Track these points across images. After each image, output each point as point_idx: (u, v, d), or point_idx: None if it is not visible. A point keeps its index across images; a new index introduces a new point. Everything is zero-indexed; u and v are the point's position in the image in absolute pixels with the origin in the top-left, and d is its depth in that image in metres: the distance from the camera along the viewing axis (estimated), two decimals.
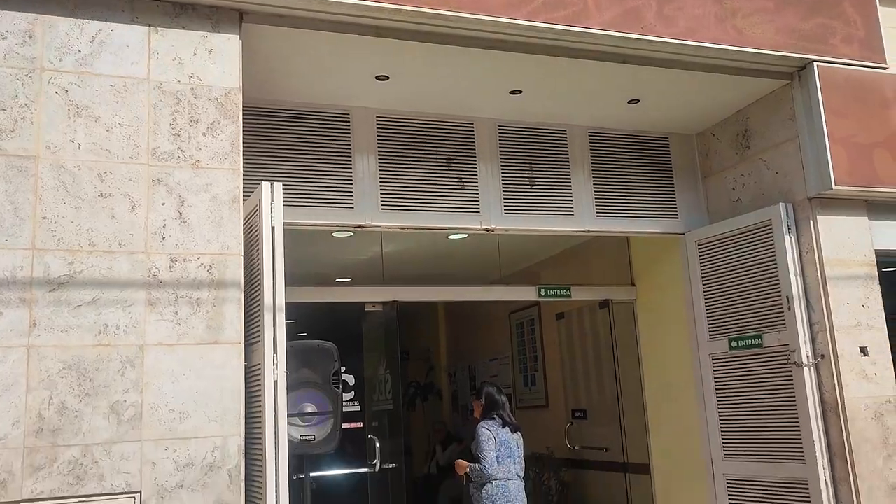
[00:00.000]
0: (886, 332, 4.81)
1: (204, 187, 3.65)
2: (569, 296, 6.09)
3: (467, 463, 5.03)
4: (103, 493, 3.27)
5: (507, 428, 5.02)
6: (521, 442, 5.10)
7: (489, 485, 4.89)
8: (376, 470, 5.43)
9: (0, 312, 3.23)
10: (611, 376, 6.53)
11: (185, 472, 3.41)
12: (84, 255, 3.39)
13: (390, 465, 5.59)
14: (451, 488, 8.67)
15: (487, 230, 5.05)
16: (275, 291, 3.69)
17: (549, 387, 8.19)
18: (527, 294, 6.11)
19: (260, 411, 3.65)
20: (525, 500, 5.02)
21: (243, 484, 3.53)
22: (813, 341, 4.76)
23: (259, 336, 3.72)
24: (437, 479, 9.06)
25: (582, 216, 5.28)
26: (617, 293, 6.34)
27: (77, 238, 3.39)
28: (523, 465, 5.08)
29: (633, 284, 6.37)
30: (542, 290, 5.99)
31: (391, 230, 4.97)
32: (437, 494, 8.94)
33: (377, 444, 5.43)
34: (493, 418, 5.03)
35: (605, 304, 6.38)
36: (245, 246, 3.86)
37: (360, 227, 4.75)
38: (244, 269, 3.81)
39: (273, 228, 3.78)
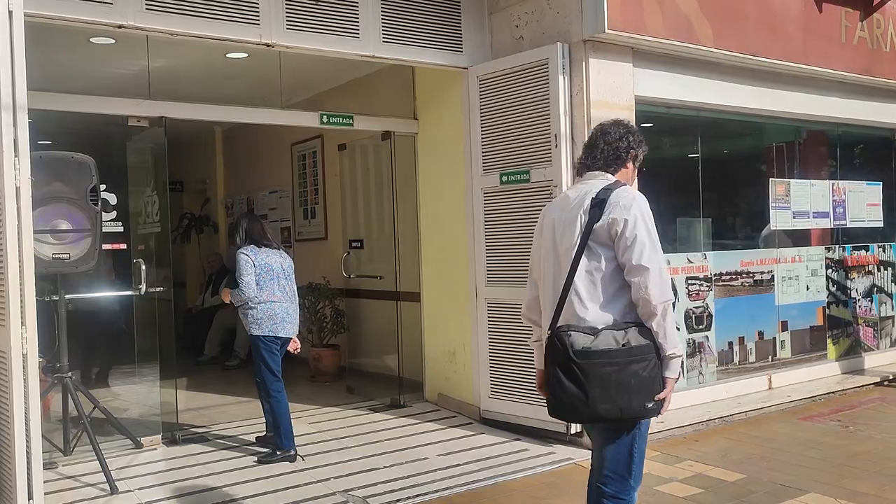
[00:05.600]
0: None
1: None
2: (351, 124, 5.99)
3: (230, 290, 4.98)
4: None
5: (265, 250, 4.97)
6: (287, 264, 5.06)
7: (254, 309, 4.86)
8: (142, 293, 5.19)
9: None
10: (389, 208, 6.66)
11: None
12: None
13: (157, 290, 5.38)
14: (227, 318, 8.65)
15: (268, 45, 4.74)
16: (14, 86, 3.25)
17: (329, 219, 8.23)
18: (308, 120, 5.92)
19: (0, 220, 3.29)
20: (296, 322, 5.06)
21: None
22: (574, 177, 5.12)
23: None
24: (213, 310, 8.98)
25: (368, 40, 5.13)
26: (399, 125, 6.35)
27: None
28: (294, 288, 5.09)
29: (416, 118, 6.41)
30: (325, 116, 5.83)
31: (158, 35, 4.49)
32: (211, 324, 8.89)
33: (143, 267, 5.16)
34: (255, 244, 4.95)
35: (387, 135, 6.37)
36: None
37: (120, 27, 4.24)
38: None
39: (11, 13, 3.28)
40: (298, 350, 5.14)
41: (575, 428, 5.07)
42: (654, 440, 5.27)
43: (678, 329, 5.88)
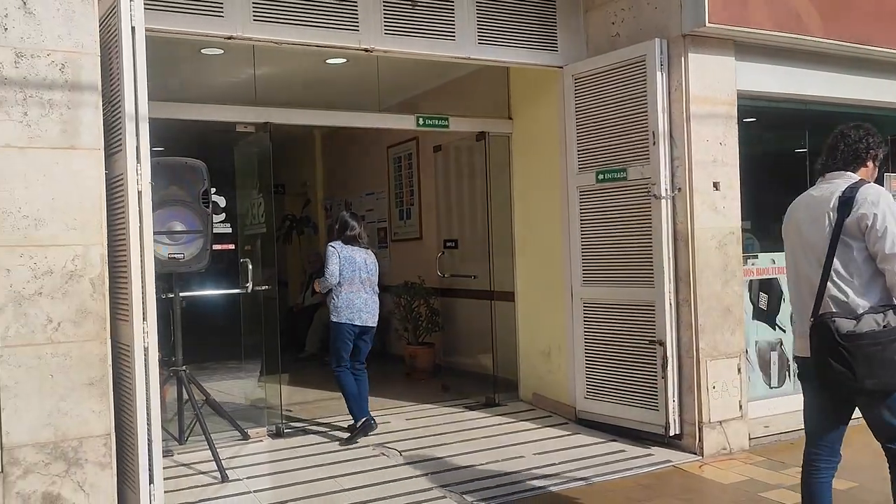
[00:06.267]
0: (738, 169, 5.15)
1: None
2: (447, 126, 6.07)
3: (318, 279, 5.47)
4: None
5: (350, 245, 5.39)
6: (370, 260, 5.50)
7: (336, 298, 5.34)
8: (248, 292, 5.45)
9: None
10: (483, 208, 6.71)
11: (44, 280, 3.30)
12: None
13: (263, 288, 5.63)
14: (326, 315, 8.89)
15: (367, 51, 4.88)
16: (137, 97, 3.48)
17: (424, 220, 8.35)
18: (405, 122, 6.04)
19: (124, 223, 3.53)
20: (374, 313, 5.47)
21: (107, 293, 3.47)
22: (672, 175, 5.03)
23: (121, 145, 3.53)
24: (313, 308, 9.27)
25: (463, 42, 5.18)
26: (494, 126, 6.39)
27: None
28: (374, 282, 5.50)
29: (510, 118, 6.43)
30: (421, 118, 5.94)
31: (264, 45, 4.69)
32: (311, 321, 9.18)
33: (250, 267, 5.42)
34: (343, 239, 5.40)
35: (481, 136, 6.43)
36: (103, 49, 3.61)
37: (230, 38, 4.46)
38: (103, 73, 3.57)
39: (133, 29, 3.51)
40: None
41: (674, 430, 4.98)
42: (760, 446, 5.12)
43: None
